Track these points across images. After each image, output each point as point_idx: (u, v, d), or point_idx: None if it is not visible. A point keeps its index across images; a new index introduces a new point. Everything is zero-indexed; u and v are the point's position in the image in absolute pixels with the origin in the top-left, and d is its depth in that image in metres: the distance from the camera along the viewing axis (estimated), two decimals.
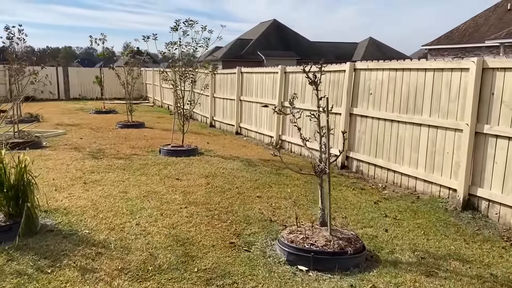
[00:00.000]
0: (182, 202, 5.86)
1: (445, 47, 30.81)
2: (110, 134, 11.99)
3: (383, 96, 7.40)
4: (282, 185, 6.88)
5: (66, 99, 25.54)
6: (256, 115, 12.09)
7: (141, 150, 9.65)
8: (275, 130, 10.83)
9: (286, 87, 10.49)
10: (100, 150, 9.56)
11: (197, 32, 8.76)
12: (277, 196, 6.27)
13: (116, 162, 8.31)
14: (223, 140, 11.76)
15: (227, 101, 13.95)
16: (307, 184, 6.99)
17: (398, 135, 7.09)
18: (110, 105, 20.74)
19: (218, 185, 6.78)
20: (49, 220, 5.10)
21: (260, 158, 9.14)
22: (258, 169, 7.94)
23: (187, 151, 9.18)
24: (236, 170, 7.84)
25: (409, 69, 6.86)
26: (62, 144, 10.28)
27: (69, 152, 9.21)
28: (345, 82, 8.28)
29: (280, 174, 7.65)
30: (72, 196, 6.05)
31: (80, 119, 15.53)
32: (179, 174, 7.45)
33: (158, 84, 23.16)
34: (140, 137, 11.53)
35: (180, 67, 9.11)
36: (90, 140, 10.84)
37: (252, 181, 7.10)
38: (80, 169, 7.67)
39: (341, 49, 52.96)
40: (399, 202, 6.22)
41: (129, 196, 6.07)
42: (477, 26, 30.52)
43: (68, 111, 18.72)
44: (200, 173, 7.52)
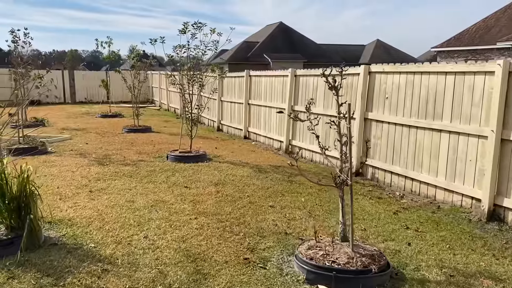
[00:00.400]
0: (191, 212, 5.60)
1: (455, 49, 30.43)
2: (116, 139, 11.76)
3: (400, 101, 7.11)
4: (295, 194, 6.60)
5: (72, 103, 25.41)
6: (265, 119, 11.82)
7: (148, 155, 9.41)
8: (285, 135, 10.55)
9: (296, 90, 10.22)
10: (106, 156, 9.32)
11: (206, 35, 8.53)
12: (290, 205, 5.99)
13: (123, 168, 8.06)
14: (231, 145, 11.49)
15: (235, 104, 13.69)
16: (321, 192, 6.70)
17: (417, 141, 6.79)
18: (116, 108, 20.55)
19: (229, 193, 6.51)
20: (53, 232, 4.85)
21: (270, 164, 8.87)
22: (269, 176, 7.67)
23: (196, 157, 8.92)
24: (246, 177, 7.57)
25: (428, 73, 6.56)
26: (68, 149, 10.06)
27: (74, 158, 8.99)
28: (359, 86, 7.99)
29: (292, 181, 7.37)
30: (77, 206, 5.80)
31: (86, 124, 15.34)
32: (188, 181, 7.19)
33: (164, 88, 22.96)
34: (147, 142, 11.30)
35: (188, 71, 8.86)
36: (96, 146, 10.62)
37: (263, 189, 6.82)
38: (85, 176, 7.44)
39: (348, 51, 52.67)
40: (419, 212, 5.92)
41: (136, 206, 5.81)
42: (487, 28, 30.11)
43: (74, 115, 18.56)
44: (209, 181, 7.25)
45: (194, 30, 8.33)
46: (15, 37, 9.95)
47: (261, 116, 12.08)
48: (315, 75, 9.41)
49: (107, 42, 17.45)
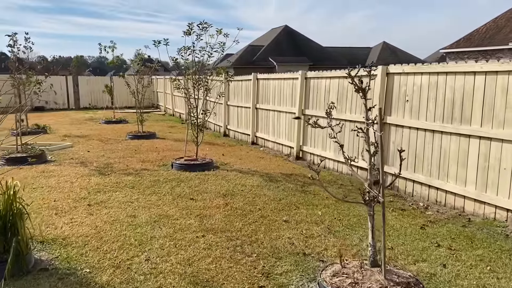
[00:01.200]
0: (198, 228, 5.09)
1: (465, 50, 29.82)
2: (119, 146, 11.30)
3: (422, 104, 6.57)
4: (311, 206, 6.07)
5: (76, 109, 25.04)
6: (274, 124, 11.31)
7: (152, 164, 8.92)
8: (296, 141, 10.03)
9: (307, 93, 9.70)
10: (108, 164, 8.85)
11: (212, 36, 8.04)
12: (307, 220, 5.46)
13: (125, 178, 7.58)
14: (238, 151, 10.99)
15: (242, 109, 13.20)
16: (339, 204, 6.17)
17: (442, 147, 6.25)
18: (121, 114, 20.13)
19: (238, 206, 6.00)
20: (45, 254, 4.36)
21: (281, 172, 8.35)
22: (280, 186, 7.15)
23: (202, 165, 8.42)
24: (256, 187, 7.06)
25: (454, 73, 6.03)
26: (68, 158, 9.60)
27: (74, 168, 8.51)
28: (376, 88, 7.47)
29: (306, 191, 6.84)
30: (73, 222, 5.31)
31: (89, 130, 14.91)
32: (194, 192, 6.69)
33: (169, 93, 22.53)
34: (151, 149, 10.82)
35: (194, 74, 8.37)
36: (98, 153, 10.15)
37: (275, 200, 6.30)
38: (85, 188, 6.96)
39: (354, 54, 52.19)
40: (448, 226, 5.37)
41: (138, 222, 5.32)
42: (498, 28, 29.48)
43: (77, 121, 18.14)
44: (217, 192, 6.74)
45: (200, 31, 7.85)
46: (12, 41, 9.52)
47: (269, 121, 11.57)
48: (327, 77, 8.90)
49: (110, 46, 17.03)
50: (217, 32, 8.01)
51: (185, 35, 8.17)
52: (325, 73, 9.03)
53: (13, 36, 9.45)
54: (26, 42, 10.28)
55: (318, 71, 9.54)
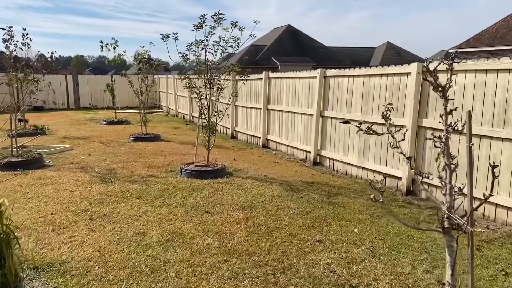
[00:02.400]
0: (219, 250, 4.36)
1: (475, 50, 29.08)
2: (122, 149, 10.56)
3: (466, 105, 5.84)
4: (343, 222, 5.33)
5: (76, 109, 24.29)
6: (287, 126, 10.58)
7: (158, 170, 8.18)
8: (313, 145, 9.29)
9: (326, 93, 8.97)
10: (111, 170, 8.11)
11: (226, 30, 7.30)
12: (343, 239, 4.73)
13: (130, 187, 6.84)
14: (250, 155, 10.26)
15: (251, 110, 12.46)
16: (374, 218, 5.44)
17: (491, 154, 5.52)
18: (122, 114, 19.41)
19: (261, 221, 5.26)
20: (38, 284, 3.63)
21: (301, 180, 7.61)
22: (304, 196, 6.42)
23: (214, 171, 7.68)
24: (277, 197, 6.33)
25: (508, 70, 5.30)
26: (68, 162, 8.85)
27: (74, 174, 7.77)
28: (409, 87, 6.74)
29: (334, 203, 6.11)
30: (73, 242, 4.57)
31: (89, 131, 14.16)
32: (209, 204, 5.96)
33: (172, 92, 21.81)
34: (157, 153, 10.08)
35: (206, 72, 7.63)
36: (99, 157, 9.41)
37: (302, 214, 5.57)
38: (86, 198, 6.22)
39: (358, 54, 51.69)
40: (507, 247, 4.64)
41: (148, 241, 4.58)
42: (509, 28, 28.77)
43: (77, 121, 17.40)
44: (234, 203, 6.01)
45: (215, 24, 7.11)
46: (7, 35, 8.78)
47: (282, 123, 10.83)
48: (351, 75, 8.17)
49: (112, 44, 16.32)
50: (232, 25, 7.27)
51: (196, 29, 7.43)
52: (348, 71, 8.30)
53: (7, 30, 8.70)
54: (24, 39, 9.57)
55: (337, 69, 8.81)
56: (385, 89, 7.33)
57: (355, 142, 8.09)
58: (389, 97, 7.23)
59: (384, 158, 7.36)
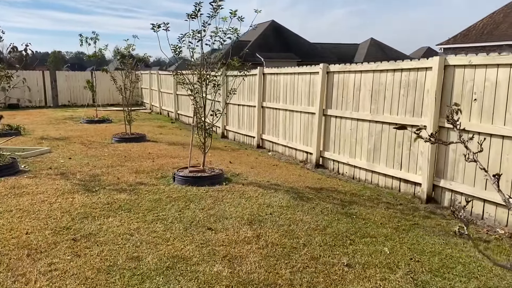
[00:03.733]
0: (231, 281, 3.62)
1: (462, 46, 28.87)
2: (106, 151, 9.69)
3: (498, 104, 5.22)
4: (368, 238, 4.65)
5: (54, 106, 23.11)
6: (285, 125, 9.88)
7: (148, 175, 7.38)
8: (315, 145, 8.61)
9: (329, 91, 8.29)
10: (95, 176, 7.28)
11: (225, 19, 6.54)
12: (374, 262, 4.05)
13: (118, 197, 6.04)
14: (246, 156, 9.52)
15: (244, 108, 11.71)
16: (400, 233, 4.78)
17: None
18: (103, 112, 18.43)
19: (274, 240, 4.55)
20: None
21: (307, 185, 6.92)
22: (316, 207, 5.72)
23: (211, 177, 6.92)
24: (286, 208, 5.62)
25: None
26: (46, 167, 7.97)
27: (53, 181, 6.92)
28: (428, 84, 6.10)
29: (350, 215, 5.43)
30: (53, 271, 3.78)
31: (69, 131, 13.20)
32: (210, 218, 5.21)
33: (156, 89, 20.88)
34: (144, 156, 9.25)
35: (202, 67, 6.86)
36: (81, 161, 8.54)
37: (319, 230, 4.87)
38: (67, 211, 5.40)
39: (342, 50, 51.43)
40: None
41: (144, 269, 3.82)
42: (495, 24, 28.64)
43: (55, 120, 16.36)
44: (239, 216, 5.27)
45: (213, 12, 6.34)
46: None
47: (279, 122, 10.12)
48: (358, 71, 7.50)
49: (92, 38, 15.36)
50: (231, 15, 6.52)
51: (190, 18, 6.66)
52: (355, 66, 7.63)
53: None
54: None
55: (342, 64, 8.14)
56: (398, 85, 6.68)
57: (364, 144, 7.44)
58: (403, 95, 6.59)
59: (398, 162, 6.72)
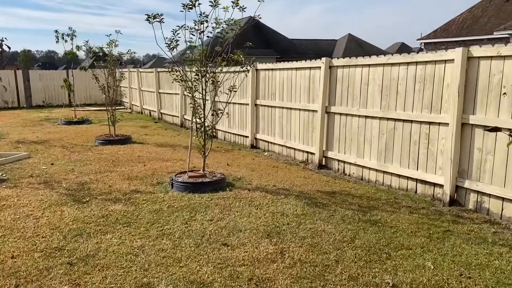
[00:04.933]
0: None
1: (443, 41, 28.96)
2: (90, 155, 8.97)
3: None
4: (404, 250, 4.17)
5: (28, 107, 21.98)
6: (282, 124, 9.35)
7: (142, 182, 6.74)
8: (317, 145, 8.11)
9: (332, 86, 7.81)
10: (83, 184, 6.60)
11: (226, 9, 5.97)
12: (422, 281, 3.55)
13: (113, 208, 5.40)
14: (242, 158, 8.96)
15: (235, 106, 11.11)
16: (436, 242, 4.32)
17: None
18: (82, 112, 17.55)
19: (301, 256, 4.01)
20: None
21: (317, 189, 6.41)
22: (334, 214, 5.22)
23: (213, 183, 6.34)
24: (303, 217, 5.10)
25: None
26: (26, 175, 7.24)
27: (37, 191, 6.22)
28: (448, 78, 5.67)
29: (375, 222, 4.94)
30: None
31: (47, 133, 12.35)
32: (222, 231, 4.64)
33: (136, 87, 20.08)
34: (133, 159, 8.58)
35: (202, 63, 6.28)
36: (65, 167, 7.82)
37: (347, 242, 4.36)
38: (57, 228, 4.74)
39: (321, 46, 51.32)
40: None
41: None
42: (475, 18, 28.80)
43: (31, 122, 15.41)
44: (254, 228, 4.72)
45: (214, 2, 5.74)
46: None
47: (275, 120, 9.59)
48: (366, 65, 7.03)
49: (69, 34, 14.53)
50: (234, 3, 5.94)
51: (186, 8, 6.06)
52: (362, 59, 7.16)
53: None
54: None
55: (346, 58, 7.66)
56: (413, 80, 6.23)
57: (373, 142, 6.98)
58: (419, 89, 6.14)
59: (414, 161, 6.28)
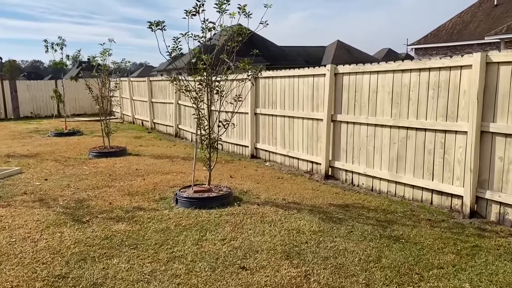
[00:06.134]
0: None
1: (433, 46, 29.11)
2: (86, 169, 8.59)
3: None
4: (435, 270, 3.89)
5: (16, 119, 21.42)
6: (284, 133, 9.08)
7: (144, 198, 6.39)
8: (323, 155, 7.84)
9: (338, 94, 7.56)
10: (81, 201, 6.23)
11: (233, 15, 5.69)
12: None
13: (117, 228, 5.04)
14: (244, 169, 8.64)
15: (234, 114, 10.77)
16: (467, 260, 4.05)
17: None
18: (72, 123, 17.11)
19: (328, 280, 3.70)
20: None
21: (329, 203, 6.13)
22: (353, 230, 4.93)
23: (220, 198, 6.01)
24: (320, 234, 4.80)
25: None
26: (19, 192, 6.84)
27: (32, 210, 5.83)
28: (465, 84, 5.45)
29: (397, 238, 4.66)
30: None
31: (38, 146, 11.91)
32: (237, 252, 4.31)
33: (128, 97, 19.71)
34: (131, 173, 8.21)
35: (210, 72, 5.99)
36: (60, 183, 7.43)
37: (373, 262, 4.07)
38: (58, 252, 4.38)
39: (310, 53, 51.50)
40: None
41: None
42: (464, 23, 28.98)
43: (20, 134, 14.92)
44: (270, 248, 4.41)
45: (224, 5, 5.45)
46: None
47: (277, 129, 9.31)
48: (374, 71, 6.80)
49: (59, 44, 14.14)
50: (240, 10, 5.67)
51: (189, 15, 5.77)
52: (370, 66, 6.92)
53: None
54: None
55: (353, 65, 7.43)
56: (426, 87, 6.00)
57: (384, 152, 6.73)
58: (432, 96, 5.91)
59: (429, 171, 6.03)
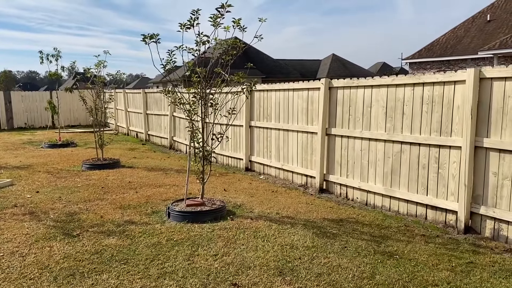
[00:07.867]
0: None
1: (427, 61, 29.31)
2: (78, 182, 8.50)
3: None
4: (431, 286, 3.82)
5: (9, 129, 21.30)
6: (278, 146, 9.05)
7: (136, 211, 6.32)
8: (318, 168, 7.81)
9: (332, 108, 7.56)
10: (72, 215, 6.14)
11: (227, 29, 5.69)
12: None
13: (107, 242, 4.96)
14: (238, 182, 8.58)
15: (228, 127, 10.74)
16: (461, 276, 4.00)
17: None
18: (66, 135, 17.01)
19: None
20: None
21: (322, 217, 6.08)
22: (347, 245, 4.87)
23: (213, 212, 5.94)
24: (314, 249, 4.74)
25: None
26: (10, 205, 6.74)
27: (22, 223, 5.74)
28: (458, 99, 5.45)
29: (391, 254, 4.61)
30: None
31: (30, 158, 11.81)
32: (229, 268, 4.24)
33: (122, 108, 19.67)
34: (124, 185, 8.14)
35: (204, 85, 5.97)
36: (52, 195, 7.34)
37: (366, 278, 4.01)
38: (47, 267, 4.29)
39: (305, 66, 51.82)
40: None
41: None
42: (458, 38, 29.27)
43: (12, 145, 14.81)
44: (263, 264, 4.34)
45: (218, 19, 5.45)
46: None
47: (271, 143, 9.28)
48: (368, 86, 6.81)
49: (54, 55, 14.13)
50: (235, 24, 5.67)
51: (183, 29, 5.77)
52: (364, 80, 6.93)
53: None
54: None
55: (347, 79, 7.44)
56: (420, 101, 6.01)
57: (379, 165, 6.71)
58: (426, 111, 5.92)
59: (424, 186, 6.01)
